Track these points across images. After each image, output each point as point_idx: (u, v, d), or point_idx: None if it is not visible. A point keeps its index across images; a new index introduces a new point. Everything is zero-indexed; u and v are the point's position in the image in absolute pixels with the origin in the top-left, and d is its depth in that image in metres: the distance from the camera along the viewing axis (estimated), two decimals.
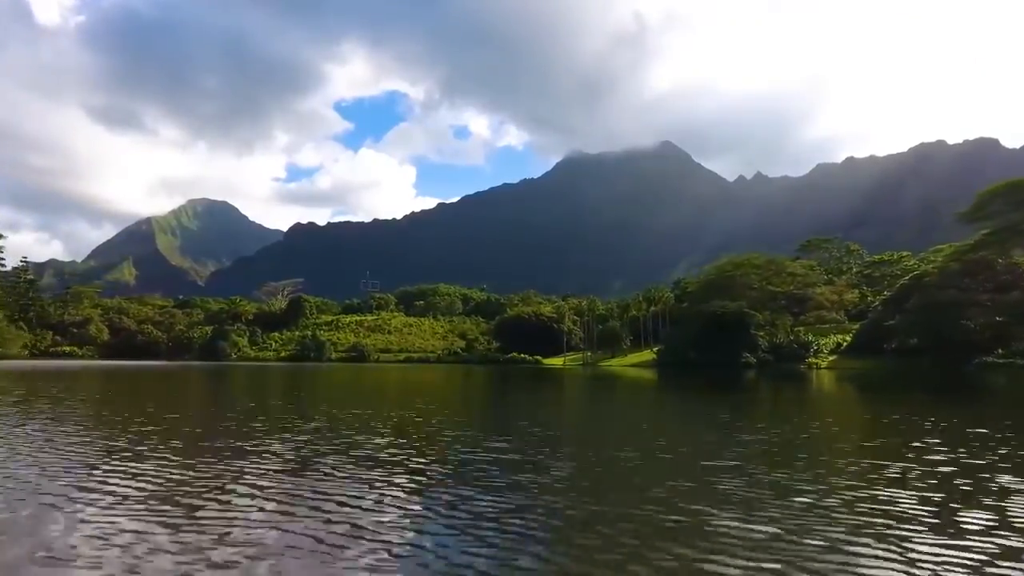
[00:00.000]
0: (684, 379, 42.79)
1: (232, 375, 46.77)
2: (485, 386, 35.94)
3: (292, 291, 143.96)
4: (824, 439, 11.66)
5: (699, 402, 24.29)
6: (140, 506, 5.84)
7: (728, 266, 66.00)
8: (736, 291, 63.56)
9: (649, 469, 8.29)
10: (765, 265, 66.94)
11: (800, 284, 64.08)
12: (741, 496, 6.46)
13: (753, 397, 26.67)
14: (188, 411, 16.85)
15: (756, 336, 57.14)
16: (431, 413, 16.17)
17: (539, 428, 13.11)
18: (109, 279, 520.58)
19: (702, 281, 70.62)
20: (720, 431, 12.84)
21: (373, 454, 8.94)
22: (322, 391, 29.84)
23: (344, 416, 14.89)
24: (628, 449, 9.78)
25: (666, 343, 64.23)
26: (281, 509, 5.75)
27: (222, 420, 13.64)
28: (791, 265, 68.88)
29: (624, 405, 22.62)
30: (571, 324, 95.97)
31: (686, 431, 13.79)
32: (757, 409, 20.64)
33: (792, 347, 58.49)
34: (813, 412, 18.56)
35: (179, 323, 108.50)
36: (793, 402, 23.73)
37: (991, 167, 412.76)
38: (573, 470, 8.00)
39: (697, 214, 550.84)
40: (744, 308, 57.73)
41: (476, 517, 5.59)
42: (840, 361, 57.21)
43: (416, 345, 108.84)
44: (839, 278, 77.27)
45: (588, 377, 48.25)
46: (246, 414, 15.02)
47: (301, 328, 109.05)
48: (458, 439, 10.79)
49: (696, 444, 10.88)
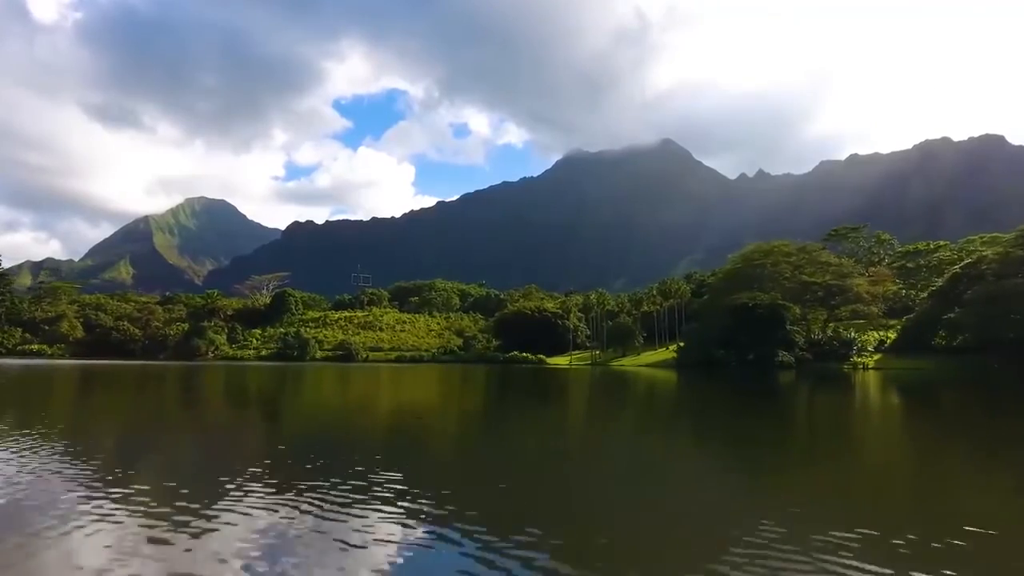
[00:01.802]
0: (710, 382, 37.02)
1: (180, 378, 40.14)
2: (481, 394, 29.65)
3: (278, 285, 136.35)
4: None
5: (735, 421, 19.43)
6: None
7: (756, 254, 59.08)
8: (766, 282, 56.69)
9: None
10: (797, 253, 59.99)
11: (837, 274, 57.08)
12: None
13: (798, 408, 22.03)
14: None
15: (792, 332, 50.15)
16: (395, 453, 10.47)
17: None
18: (106, 278, 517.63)
19: (726, 271, 63.59)
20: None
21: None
22: (262, 407, 23.38)
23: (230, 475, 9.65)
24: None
25: (687, 340, 57.18)
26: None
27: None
28: (825, 254, 61.92)
29: (645, 424, 18.12)
30: (576, 320, 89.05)
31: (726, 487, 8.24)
32: (811, 433, 15.73)
33: (832, 344, 51.61)
34: (890, 439, 13.71)
35: (156, 320, 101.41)
36: (853, 419, 18.24)
37: (997, 164, 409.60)
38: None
39: (698, 212, 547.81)
40: (779, 300, 50.78)
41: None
42: (886, 360, 50.37)
43: (409, 343, 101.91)
44: (869, 270, 70.37)
45: (599, 379, 41.67)
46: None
47: (286, 325, 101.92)
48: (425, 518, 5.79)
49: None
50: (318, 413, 18.43)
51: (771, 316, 49.66)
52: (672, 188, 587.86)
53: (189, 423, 14.91)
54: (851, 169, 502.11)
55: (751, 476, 8.68)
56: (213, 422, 15.10)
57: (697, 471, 9.24)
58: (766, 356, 48.98)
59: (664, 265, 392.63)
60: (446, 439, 12.59)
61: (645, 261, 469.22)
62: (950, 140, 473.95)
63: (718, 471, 9.21)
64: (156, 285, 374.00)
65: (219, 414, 17.44)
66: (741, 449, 11.43)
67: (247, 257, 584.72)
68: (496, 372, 52.50)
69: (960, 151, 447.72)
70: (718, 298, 57.85)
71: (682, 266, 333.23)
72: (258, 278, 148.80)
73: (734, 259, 62.51)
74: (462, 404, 22.53)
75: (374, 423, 15.43)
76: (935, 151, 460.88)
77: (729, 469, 9.37)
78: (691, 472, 9.19)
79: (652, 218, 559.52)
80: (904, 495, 7.56)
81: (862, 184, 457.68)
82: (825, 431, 15.40)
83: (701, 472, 9.15)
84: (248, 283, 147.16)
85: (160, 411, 18.01)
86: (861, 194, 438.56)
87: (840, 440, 13.24)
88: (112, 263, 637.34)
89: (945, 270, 59.70)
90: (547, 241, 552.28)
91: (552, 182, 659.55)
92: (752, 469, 9.28)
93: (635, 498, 7.10)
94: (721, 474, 8.93)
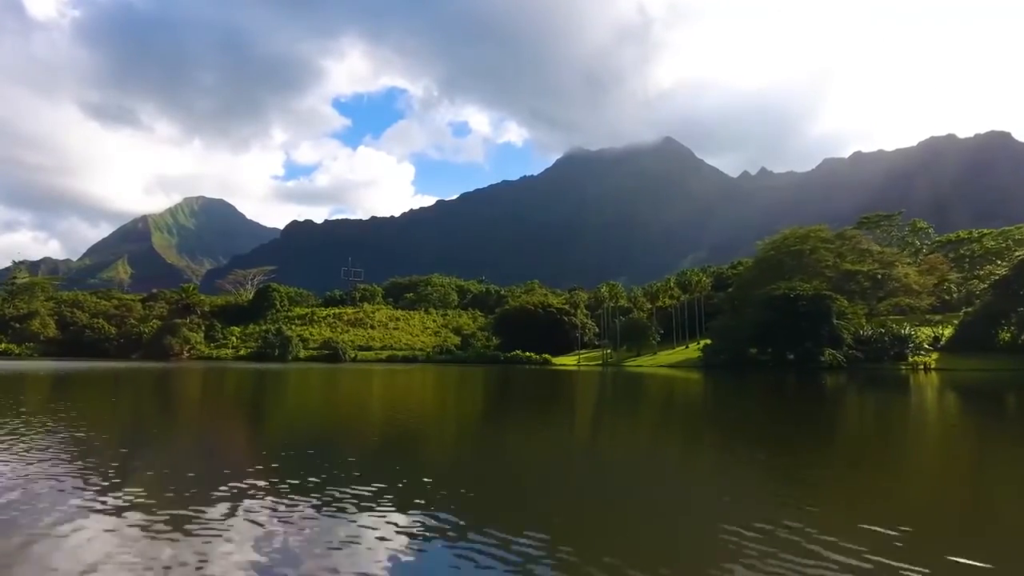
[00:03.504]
0: (746, 386, 31.07)
1: (107, 384, 34.29)
2: (476, 403, 24.28)
3: (263, 280, 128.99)
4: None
5: (785, 444, 14.88)
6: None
7: (791, 239, 52.39)
8: (803, 271, 49.87)
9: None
10: (835, 239, 53.22)
11: (882, 262, 50.30)
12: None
13: (874, 424, 16.86)
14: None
15: (840, 327, 43.29)
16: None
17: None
18: (104, 277, 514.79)
19: (757, 259, 56.78)
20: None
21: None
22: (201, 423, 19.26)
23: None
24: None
25: (715, 337, 50.32)
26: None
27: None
28: (865, 240, 55.16)
29: (684, 446, 13.35)
30: (584, 317, 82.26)
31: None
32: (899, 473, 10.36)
33: (883, 341, 44.62)
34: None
35: (132, 317, 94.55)
36: (962, 449, 13.68)
37: (1003, 161, 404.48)
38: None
39: (700, 211, 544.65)
40: (824, 291, 43.99)
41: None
42: (947, 359, 43.54)
43: (402, 342, 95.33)
44: (920, 257, 63.42)
45: (614, 383, 35.41)
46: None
47: (270, 322, 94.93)
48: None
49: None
50: (231, 446, 12.95)
51: (815, 309, 42.86)
52: (674, 187, 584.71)
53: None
54: (855, 167, 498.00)
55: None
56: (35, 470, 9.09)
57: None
58: (809, 355, 42.23)
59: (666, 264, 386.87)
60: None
61: (646, 260, 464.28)
62: (955, 137, 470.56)
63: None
64: (154, 285, 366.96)
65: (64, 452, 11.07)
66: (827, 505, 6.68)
67: (245, 256, 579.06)
68: (496, 374, 45.94)
69: (966, 148, 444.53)
70: (748, 289, 51.13)
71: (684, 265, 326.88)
72: (242, 272, 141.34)
73: (764, 246, 55.83)
74: (457, 413, 17.84)
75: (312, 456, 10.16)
76: (940, 148, 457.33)
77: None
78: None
79: (653, 217, 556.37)
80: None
81: (866, 182, 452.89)
82: (937, 467, 10.25)
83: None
84: (231, 277, 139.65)
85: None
86: (865, 192, 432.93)
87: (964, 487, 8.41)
88: (110, 263, 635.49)
89: (994, 260, 53.21)
90: (547, 240, 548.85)
91: (552, 181, 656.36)
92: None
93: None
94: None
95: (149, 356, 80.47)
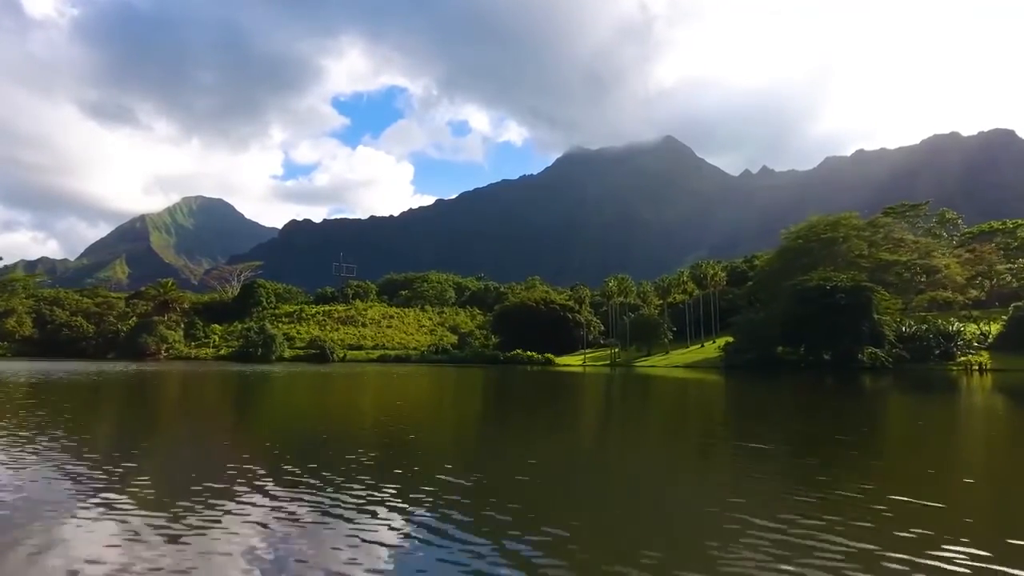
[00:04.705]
0: (783, 391, 26.38)
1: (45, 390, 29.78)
2: (469, 413, 20.62)
3: (249, 276, 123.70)
4: None
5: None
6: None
7: (821, 227, 47.46)
8: (834, 261, 45.08)
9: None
10: (866, 227, 48.38)
11: (921, 252, 45.47)
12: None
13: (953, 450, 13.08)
14: None
15: (881, 323, 38.44)
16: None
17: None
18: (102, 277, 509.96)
19: (784, 248, 51.89)
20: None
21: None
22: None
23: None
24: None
25: (739, 334, 45.44)
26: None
27: None
28: (898, 228, 50.32)
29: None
30: (589, 314, 77.36)
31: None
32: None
33: (927, 338, 39.71)
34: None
35: (112, 315, 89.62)
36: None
37: (1007, 159, 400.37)
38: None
39: (701, 210, 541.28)
40: (863, 281, 39.14)
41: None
42: (998, 359, 38.78)
43: (395, 340, 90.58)
44: (968, 248, 58.53)
45: (625, 386, 30.74)
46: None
47: (256, 320, 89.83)
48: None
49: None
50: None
51: (854, 302, 37.98)
52: (674, 186, 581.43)
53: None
54: (857, 166, 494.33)
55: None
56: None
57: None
58: (848, 354, 37.39)
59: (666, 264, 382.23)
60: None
61: (647, 260, 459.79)
62: (959, 135, 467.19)
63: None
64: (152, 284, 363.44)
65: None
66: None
67: (244, 256, 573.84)
68: (496, 376, 41.16)
69: (970, 146, 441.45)
70: (774, 281, 46.28)
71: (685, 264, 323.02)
72: (227, 268, 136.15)
73: (789, 234, 51.07)
74: (454, 421, 14.06)
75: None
76: (944, 146, 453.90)
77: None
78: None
79: (654, 216, 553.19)
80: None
81: (869, 181, 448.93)
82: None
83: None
84: (215, 272, 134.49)
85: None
86: (868, 190, 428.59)
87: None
88: (107, 262, 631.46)
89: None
90: (547, 240, 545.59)
91: (552, 180, 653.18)
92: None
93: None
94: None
95: (124, 356, 75.69)
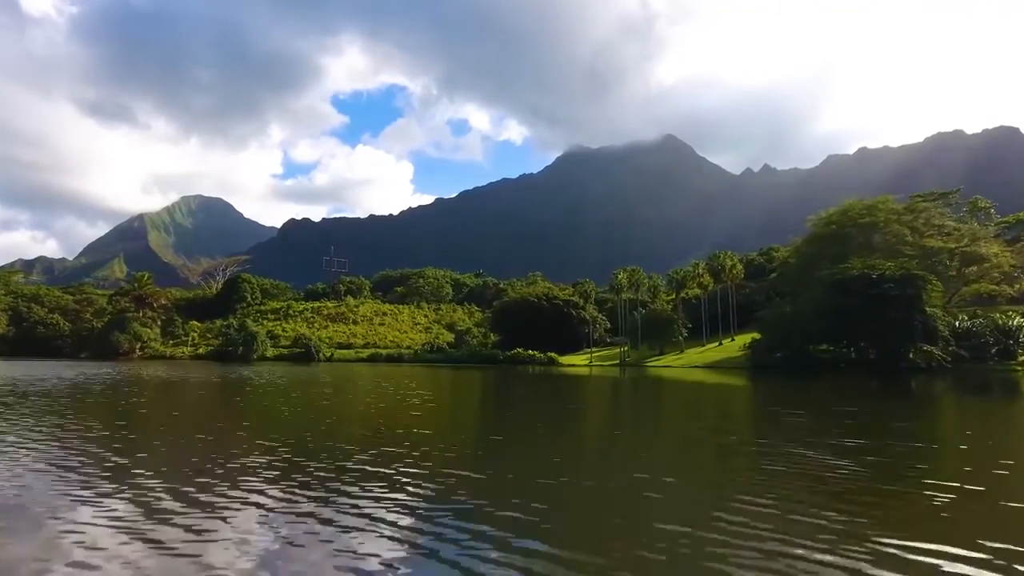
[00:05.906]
0: (826, 396, 21.12)
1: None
2: (466, 422, 16.80)
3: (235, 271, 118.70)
4: None
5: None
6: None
7: (857, 210, 42.67)
8: (871, 249, 40.23)
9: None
10: (905, 212, 43.55)
11: (969, 239, 40.67)
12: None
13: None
14: None
15: (934, 317, 33.58)
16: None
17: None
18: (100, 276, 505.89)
19: (814, 235, 47.07)
20: None
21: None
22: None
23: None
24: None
25: (767, 330, 40.69)
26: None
27: None
28: (939, 214, 45.49)
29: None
30: (595, 311, 72.63)
31: None
32: None
33: (984, 335, 34.84)
34: None
35: (89, 312, 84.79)
36: None
37: (1012, 157, 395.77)
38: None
39: (702, 209, 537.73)
40: (912, 270, 34.29)
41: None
42: None
43: (388, 339, 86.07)
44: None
45: (639, 389, 25.90)
46: None
47: (239, 316, 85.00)
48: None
49: None
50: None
51: (904, 294, 33.12)
52: (675, 184, 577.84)
53: None
54: (860, 164, 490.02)
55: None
56: None
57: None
58: (897, 353, 32.52)
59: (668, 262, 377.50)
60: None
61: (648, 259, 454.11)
62: (963, 133, 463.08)
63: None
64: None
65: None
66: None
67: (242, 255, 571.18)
68: (495, 377, 36.33)
69: (973, 144, 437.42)
70: (805, 271, 41.44)
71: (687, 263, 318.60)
72: (211, 262, 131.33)
73: (819, 220, 46.29)
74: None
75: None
76: (947, 144, 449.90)
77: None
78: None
79: (655, 215, 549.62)
80: None
81: (872, 179, 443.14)
82: None
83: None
84: (194, 264, 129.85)
85: None
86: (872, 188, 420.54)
87: None
88: (106, 261, 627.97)
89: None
90: (547, 239, 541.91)
91: (552, 178, 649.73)
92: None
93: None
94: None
95: (98, 355, 71.07)
